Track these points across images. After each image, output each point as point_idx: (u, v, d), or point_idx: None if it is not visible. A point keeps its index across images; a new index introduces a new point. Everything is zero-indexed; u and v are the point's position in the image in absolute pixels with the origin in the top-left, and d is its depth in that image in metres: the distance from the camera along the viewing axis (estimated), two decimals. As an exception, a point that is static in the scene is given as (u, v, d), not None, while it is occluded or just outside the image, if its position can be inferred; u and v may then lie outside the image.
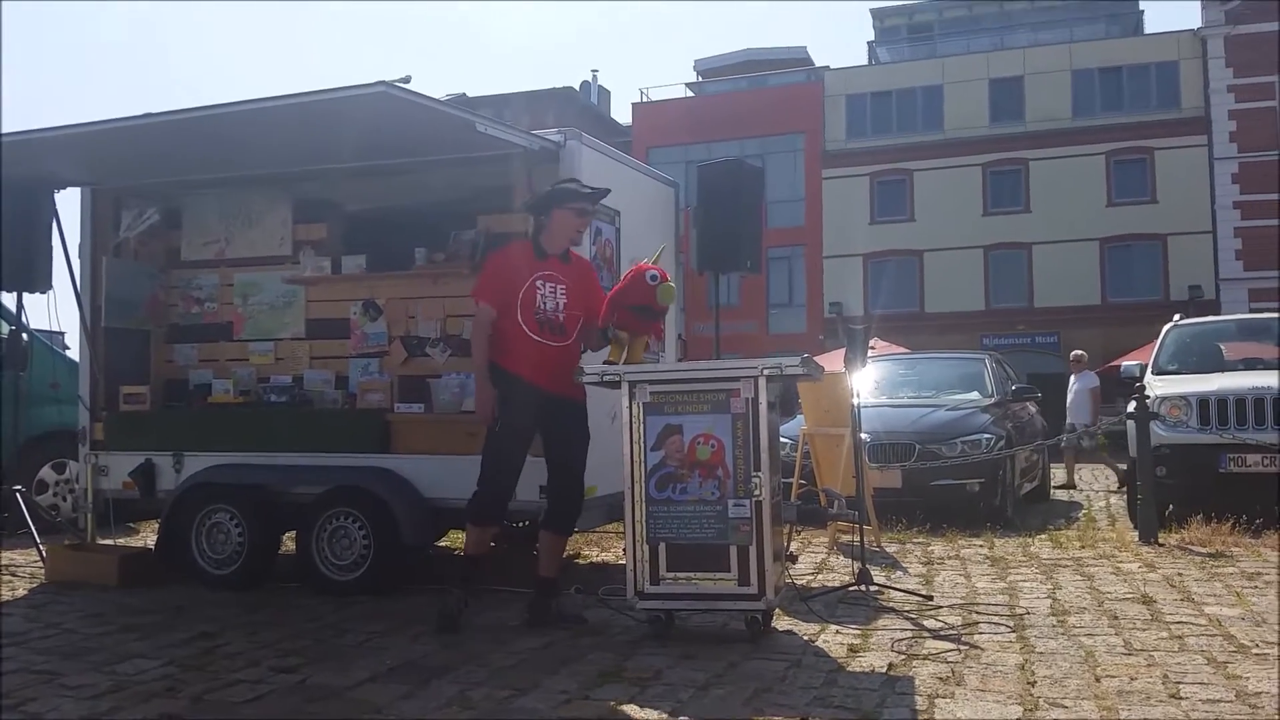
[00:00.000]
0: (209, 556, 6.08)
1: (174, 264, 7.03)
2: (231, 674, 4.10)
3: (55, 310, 7.35)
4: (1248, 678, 3.81)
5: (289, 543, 6.37)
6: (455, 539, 7.55)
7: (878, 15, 39.38)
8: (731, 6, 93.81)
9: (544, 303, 4.98)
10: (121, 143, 5.75)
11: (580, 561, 7.04)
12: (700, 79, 39.69)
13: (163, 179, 6.65)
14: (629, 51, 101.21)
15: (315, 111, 5.14)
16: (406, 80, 4.86)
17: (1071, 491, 12.59)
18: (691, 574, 4.53)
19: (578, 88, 42.64)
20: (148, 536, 7.81)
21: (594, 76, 44.48)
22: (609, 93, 45.65)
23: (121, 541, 7.11)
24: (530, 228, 5.26)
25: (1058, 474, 13.00)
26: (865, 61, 38.19)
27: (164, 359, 6.99)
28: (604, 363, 4.94)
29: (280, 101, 4.93)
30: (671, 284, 4.89)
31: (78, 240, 6.77)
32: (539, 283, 4.98)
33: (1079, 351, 14.42)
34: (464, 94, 37.71)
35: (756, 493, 4.47)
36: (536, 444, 5.07)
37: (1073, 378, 13.81)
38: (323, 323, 6.70)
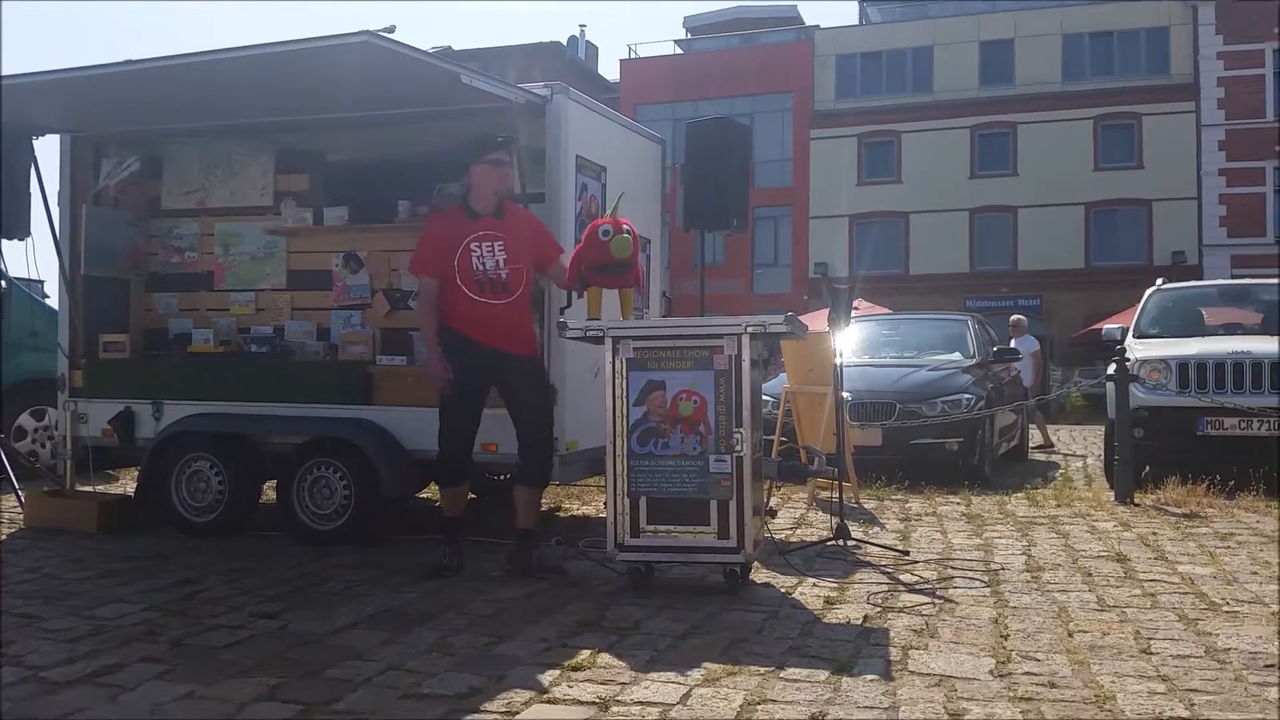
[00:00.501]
0: (189, 504, 6.08)
1: (154, 213, 6.96)
2: (212, 619, 4.12)
3: (34, 258, 7.30)
4: (1217, 634, 3.87)
5: (269, 492, 6.38)
6: (436, 491, 7.57)
7: (869, -26, 39.09)
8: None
9: (480, 263, 5.00)
10: (102, 90, 5.68)
11: (561, 514, 7.07)
12: (689, 36, 39.40)
13: (144, 127, 6.56)
14: (618, 7, 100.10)
15: (298, 60, 5.09)
16: (391, 30, 4.80)
17: (1050, 452, 12.69)
18: (672, 527, 4.56)
19: (565, 43, 42.25)
20: (127, 484, 7.80)
21: (581, 32, 44.30)
22: (597, 49, 45.28)
23: (101, 488, 7.09)
24: (460, 190, 5.24)
25: (1036, 435, 13.09)
26: (856, 21, 37.95)
27: (144, 308, 6.94)
28: (586, 318, 4.95)
29: (263, 50, 4.88)
30: (626, 235, 4.88)
31: (57, 188, 6.69)
32: (472, 245, 5.01)
33: (1018, 316, 14.48)
34: (449, 47, 37.30)
35: (738, 448, 4.50)
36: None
37: (1013, 342, 13.78)
38: (304, 274, 6.67)
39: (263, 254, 6.73)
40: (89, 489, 6.66)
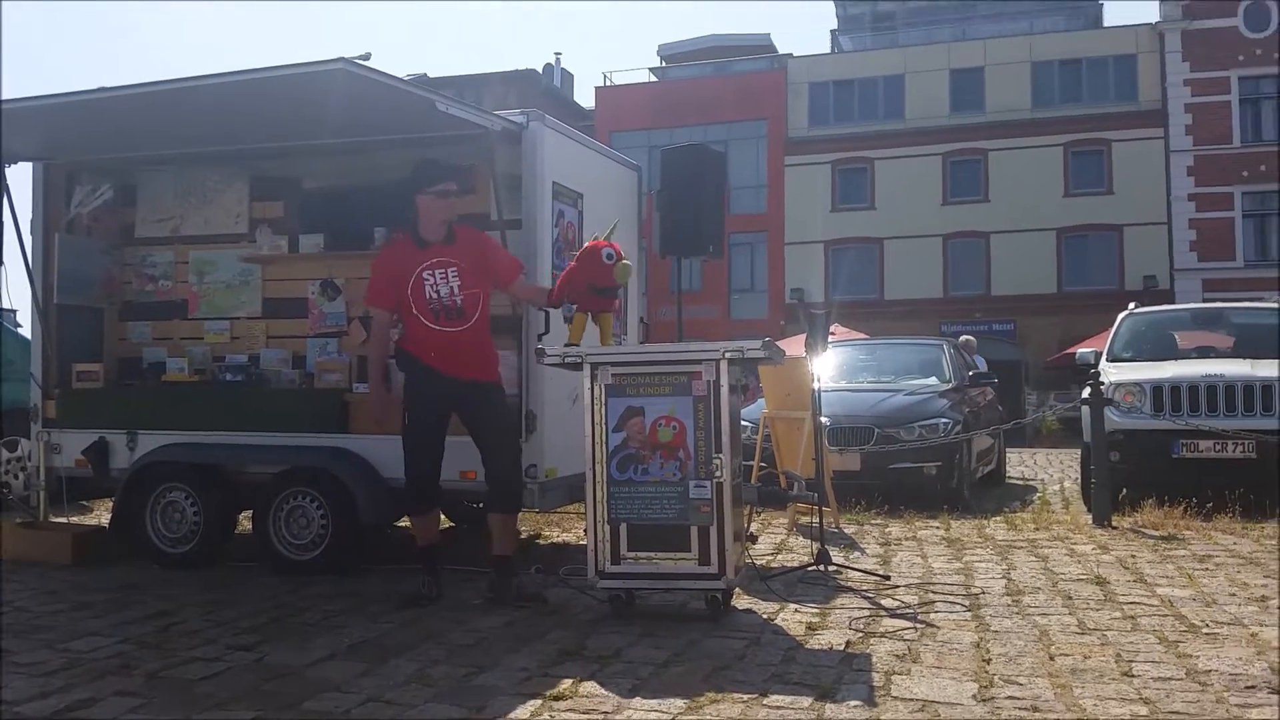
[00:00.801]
0: (164, 535, 6.01)
1: (128, 241, 6.91)
2: (187, 652, 4.07)
3: (6, 287, 7.22)
4: (1198, 656, 3.88)
5: (245, 522, 6.31)
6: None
7: (841, 4, 39.58)
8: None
9: (434, 291, 5.00)
10: (75, 117, 5.64)
11: (541, 541, 7.03)
12: (664, 64, 39.63)
13: (117, 154, 6.53)
14: (593, 35, 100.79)
15: (273, 88, 5.07)
16: (366, 58, 4.79)
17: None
18: (652, 554, 4.54)
19: (541, 70, 42.43)
20: (101, 515, 7.71)
21: (557, 59, 44.36)
22: (573, 76, 45.53)
23: (74, 520, 7.00)
24: (409, 219, 5.21)
25: (1011, 458, 13.13)
26: (828, 50, 38.31)
27: (118, 337, 6.88)
28: (565, 344, 4.94)
29: (237, 77, 4.86)
30: (628, 261, 4.89)
31: (29, 216, 6.64)
32: (425, 274, 5.01)
33: (966, 337, 14.54)
34: (425, 74, 37.37)
35: (718, 474, 4.49)
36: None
37: None
38: (280, 301, 6.62)
39: (238, 282, 6.69)
40: (63, 520, 6.58)
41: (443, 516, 6.13)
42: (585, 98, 42.13)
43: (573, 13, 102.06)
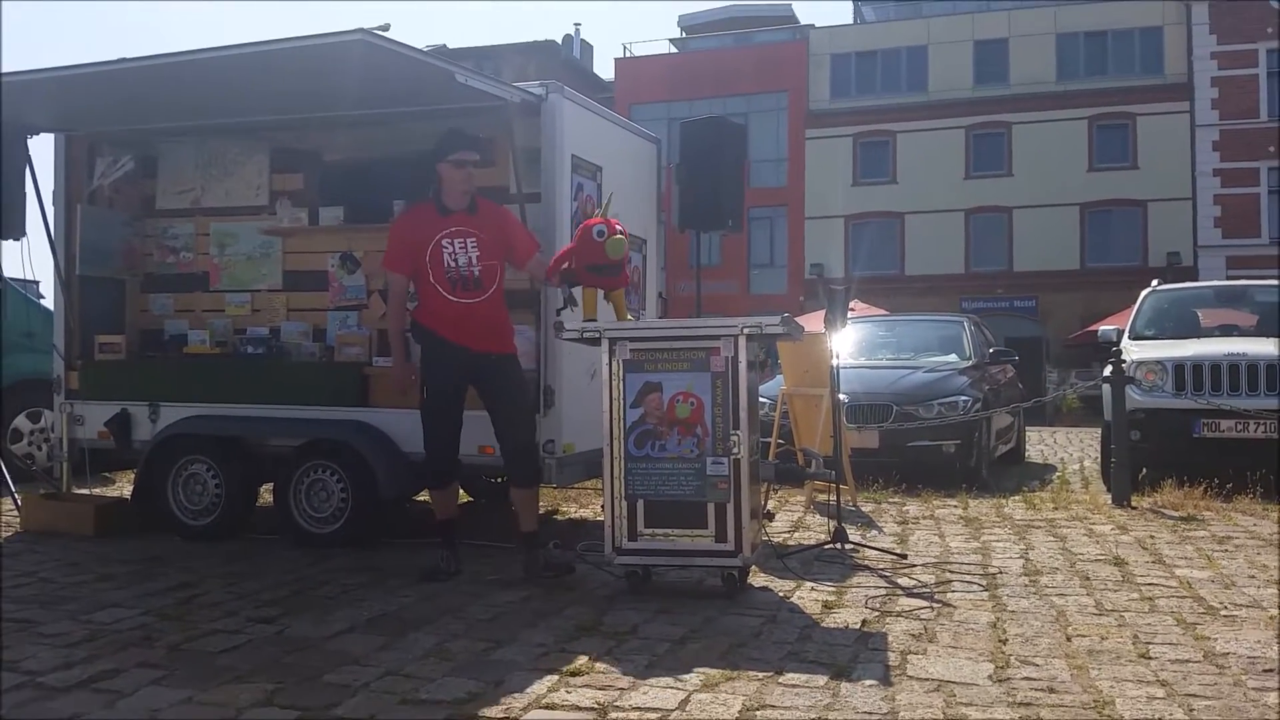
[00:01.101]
0: (186, 507, 6.06)
1: (149, 212, 6.94)
2: (209, 624, 4.11)
3: (29, 258, 7.26)
4: (1216, 639, 3.86)
5: (266, 495, 6.36)
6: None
7: (864, -27, 39.11)
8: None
9: (453, 260, 4.98)
10: (96, 88, 5.65)
11: (559, 517, 7.06)
12: (684, 35, 39.38)
13: (138, 126, 6.55)
14: (613, 6, 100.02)
15: (293, 59, 5.07)
16: (385, 29, 4.78)
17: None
18: (669, 530, 4.55)
19: (560, 42, 42.21)
20: (124, 486, 7.78)
21: (577, 31, 44.08)
22: (592, 48, 45.36)
23: (97, 491, 7.07)
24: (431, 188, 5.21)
25: (1031, 437, 13.08)
26: (850, 20, 37.96)
27: (139, 308, 6.92)
28: (582, 319, 4.93)
29: (257, 49, 4.86)
30: (620, 237, 4.85)
31: (51, 187, 6.67)
32: (444, 241, 4.98)
33: None
34: (444, 45, 37.28)
35: (735, 451, 4.49)
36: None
37: None
38: (300, 274, 6.65)
39: (258, 254, 6.71)
40: (85, 492, 6.64)
41: (461, 491, 6.15)
42: (605, 69, 41.90)
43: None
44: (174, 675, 3.44)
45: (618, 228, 4.88)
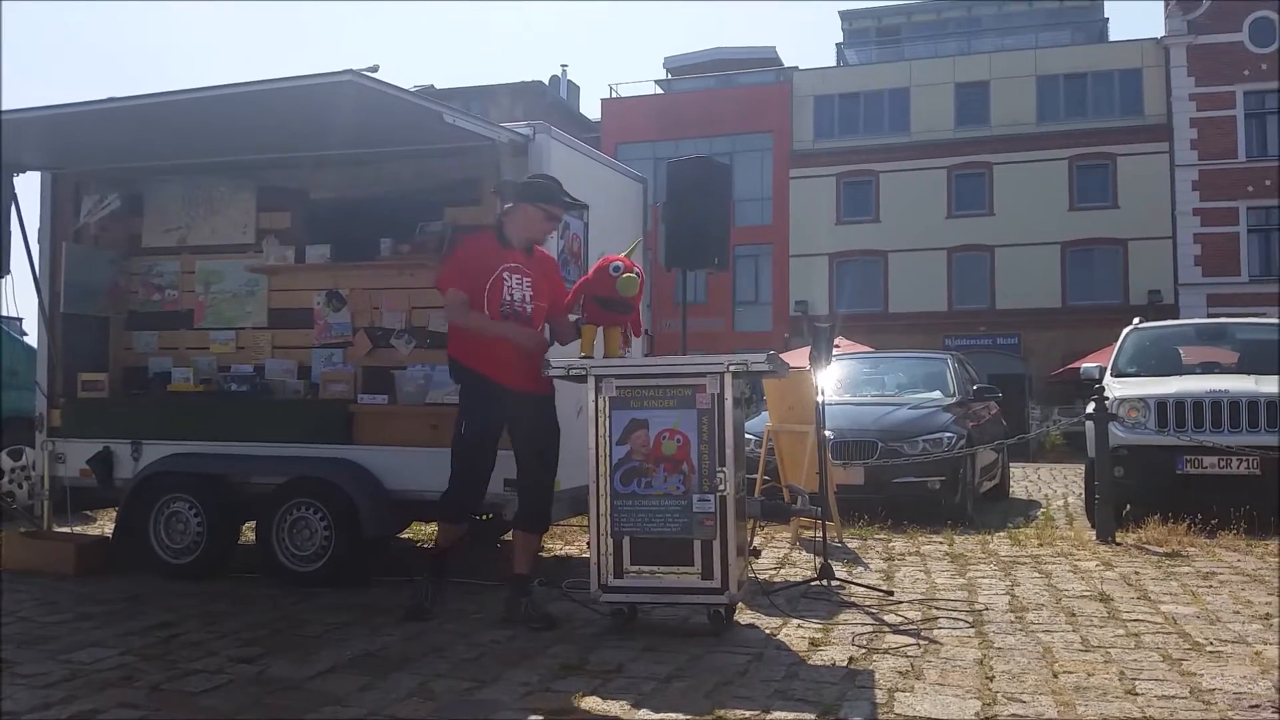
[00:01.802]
0: (167, 546, 6.01)
1: (135, 250, 6.94)
2: (190, 664, 4.06)
3: (13, 296, 7.25)
4: (1202, 674, 3.87)
5: (249, 533, 6.31)
6: (418, 531, 7.52)
7: (846, 17, 39.57)
8: (701, 5, 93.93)
9: (511, 294, 4.93)
10: (83, 127, 5.67)
11: (544, 554, 7.02)
12: (670, 76, 39.70)
13: (125, 164, 6.56)
14: (599, 47, 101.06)
15: (281, 99, 5.10)
16: (374, 70, 4.83)
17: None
18: (655, 568, 4.54)
19: (547, 82, 42.50)
20: (105, 525, 7.71)
21: (563, 71, 44.40)
22: (578, 88, 45.57)
23: (78, 530, 7.01)
24: (496, 216, 5.18)
25: (1015, 473, 13.11)
26: (833, 63, 38.36)
27: (123, 346, 6.90)
28: (579, 356, 4.93)
29: (245, 88, 4.88)
30: (634, 275, 4.87)
31: (37, 225, 6.67)
32: (505, 274, 4.93)
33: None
34: (432, 85, 37.48)
35: (721, 488, 4.48)
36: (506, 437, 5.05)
37: None
38: (286, 312, 6.65)
39: (244, 292, 6.71)
40: (67, 530, 6.58)
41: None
42: (591, 109, 42.16)
43: (579, 25, 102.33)
44: (154, 716, 3.40)
45: (635, 269, 4.90)
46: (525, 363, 4.92)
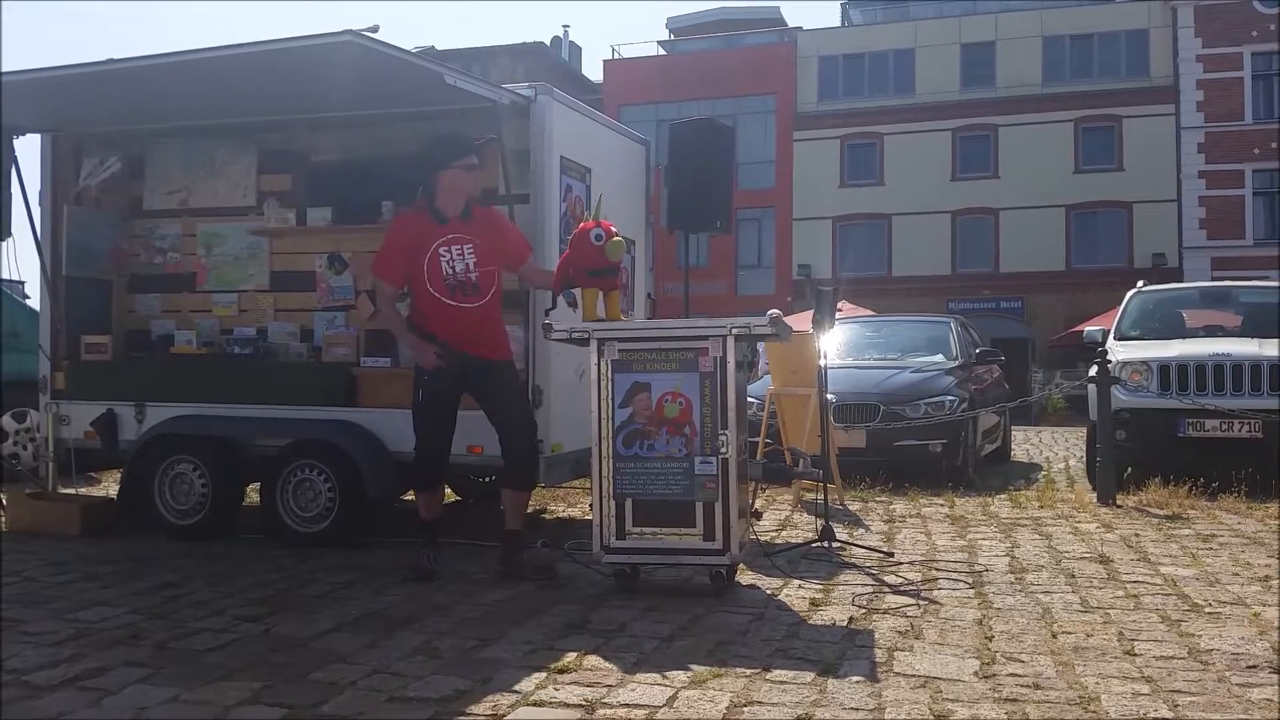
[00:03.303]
0: (172, 507, 6.04)
1: (136, 213, 6.92)
2: (195, 623, 4.10)
3: (15, 259, 7.25)
4: (1200, 635, 3.89)
5: (253, 495, 6.35)
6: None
7: (851, -24, 39.20)
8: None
9: (450, 267, 4.95)
10: (83, 89, 5.65)
11: (547, 517, 7.06)
12: (673, 37, 39.41)
13: (125, 127, 6.53)
14: (601, 7, 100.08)
15: (281, 60, 5.08)
16: (374, 30, 4.78)
17: None
18: (658, 529, 4.56)
19: (549, 43, 42.22)
20: (109, 486, 7.75)
21: (565, 32, 44.26)
22: (580, 49, 45.28)
23: (83, 491, 7.04)
24: (423, 193, 5.14)
25: (1017, 436, 13.13)
26: (838, 23, 38.04)
27: (126, 309, 6.90)
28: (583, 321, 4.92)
29: (245, 50, 4.86)
30: (619, 238, 4.85)
31: (38, 188, 6.64)
32: (441, 249, 4.94)
33: (775, 311, 14.30)
34: (433, 46, 37.24)
35: (723, 450, 4.50)
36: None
37: None
38: (288, 275, 6.64)
39: (245, 255, 6.70)
40: (71, 491, 6.61)
41: (449, 491, 6.15)
42: (593, 71, 41.91)
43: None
44: (161, 673, 3.44)
45: (614, 230, 4.89)
46: (480, 328, 4.98)
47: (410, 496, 6.53)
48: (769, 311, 4.72)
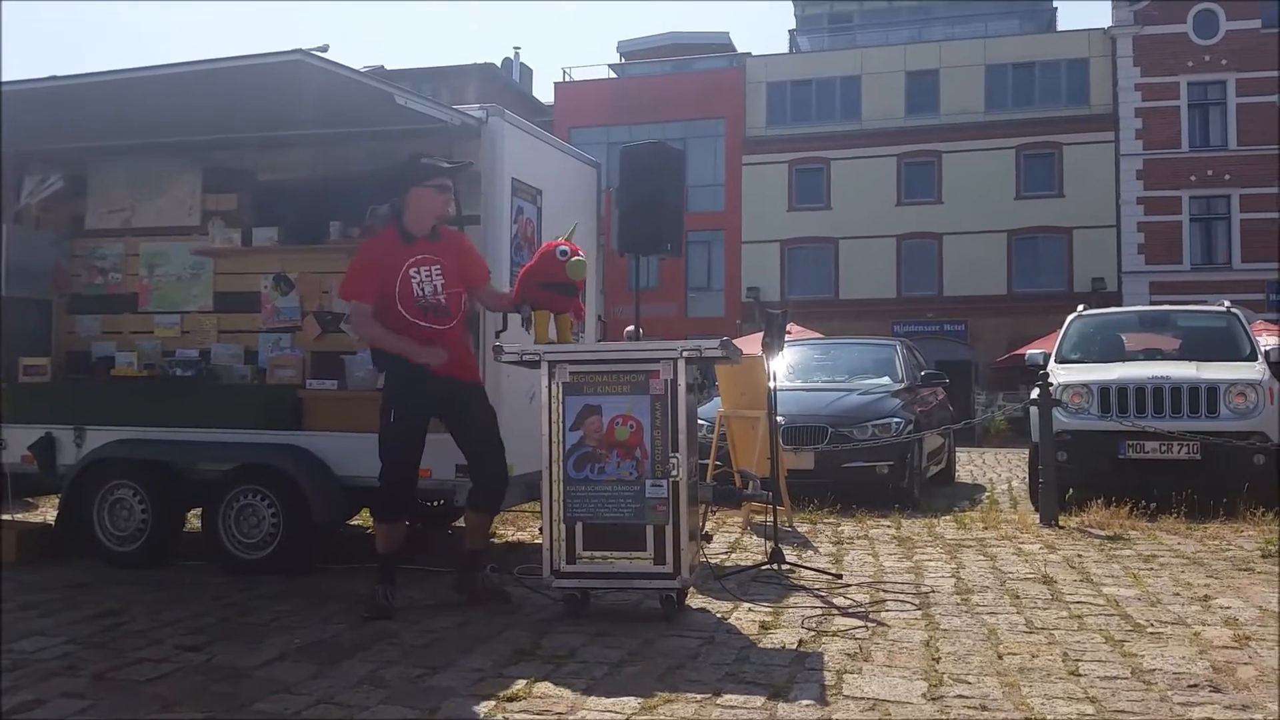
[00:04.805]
0: (111, 533, 5.92)
1: (78, 232, 6.81)
2: (135, 652, 4.01)
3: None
4: (1143, 655, 3.95)
5: (194, 520, 6.23)
6: (367, 518, 7.45)
7: (799, 4, 39.64)
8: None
9: (420, 288, 4.88)
10: (25, 106, 5.54)
11: (496, 540, 7.00)
12: (624, 60, 39.58)
13: (68, 144, 6.43)
14: (552, 30, 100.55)
15: (229, 79, 5.02)
16: (324, 49, 4.76)
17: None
18: (608, 553, 4.55)
19: (500, 65, 42.21)
20: (47, 512, 7.57)
21: (516, 54, 44.14)
22: (531, 71, 45.34)
23: (20, 517, 6.88)
24: (391, 212, 5.06)
25: (961, 457, 13.28)
26: (786, 49, 38.46)
27: (66, 330, 6.78)
28: (534, 343, 4.90)
29: (191, 67, 4.81)
30: (582, 258, 4.87)
31: (-24, 206, 6.51)
32: (412, 271, 4.87)
33: (631, 328, 14.30)
34: (383, 66, 37.05)
35: (674, 473, 4.50)
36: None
37: None
38: (232, 295, 6.56)
39: (189, 275, 6.61)
40: (8, 517, 6.45)
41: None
42: (544, 93, 41.98)
43: (532, 7, 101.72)
44: (99, 705, 3.36)
45: (580, 252, 4.89)
46: (452, 350, 4.90)
47: (357, 521, 6.45)
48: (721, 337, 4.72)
